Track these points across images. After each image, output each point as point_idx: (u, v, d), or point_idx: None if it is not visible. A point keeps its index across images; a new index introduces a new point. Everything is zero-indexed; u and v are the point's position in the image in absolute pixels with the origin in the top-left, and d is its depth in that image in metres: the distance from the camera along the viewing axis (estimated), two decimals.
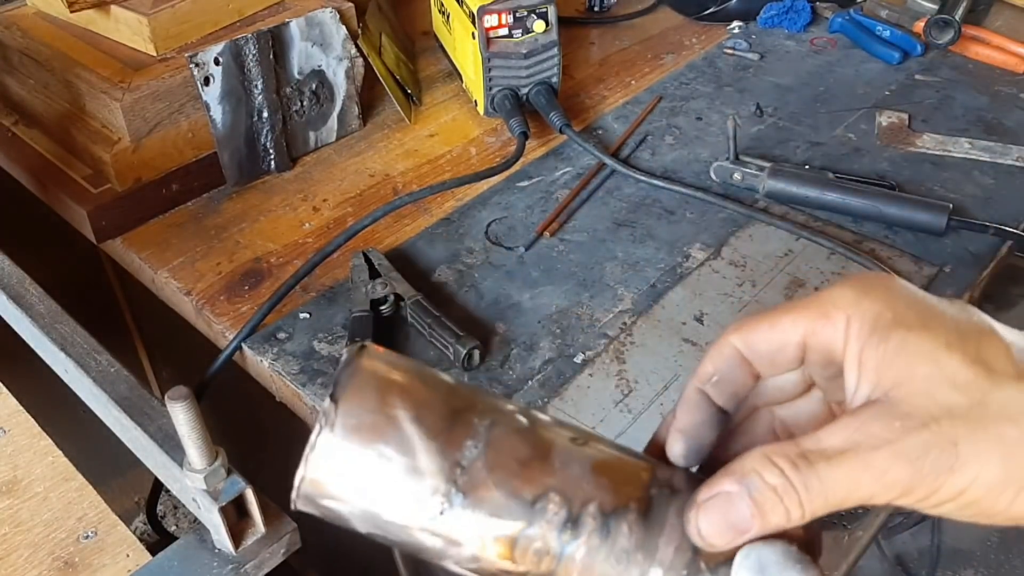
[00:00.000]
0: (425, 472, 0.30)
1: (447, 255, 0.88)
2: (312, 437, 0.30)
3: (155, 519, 1.13)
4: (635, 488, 0.33)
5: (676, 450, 0.36)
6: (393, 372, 0.32)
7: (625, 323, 0.80)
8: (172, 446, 0.61)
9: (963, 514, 0.32)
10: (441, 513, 0.31)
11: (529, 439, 0.32)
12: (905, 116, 1.07)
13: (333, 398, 0.30)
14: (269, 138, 0.96)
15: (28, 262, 0.79)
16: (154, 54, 0.93)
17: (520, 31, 1.00)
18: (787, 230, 0.90)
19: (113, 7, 0.93)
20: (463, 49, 1.07)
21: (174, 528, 1.46)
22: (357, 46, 1.00)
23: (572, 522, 0.31)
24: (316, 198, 0.96)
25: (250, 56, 0.90)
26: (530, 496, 0.31)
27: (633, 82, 1.16)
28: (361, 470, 0.30)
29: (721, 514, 0.31)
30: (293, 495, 0.31)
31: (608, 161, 0.98)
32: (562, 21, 1.03)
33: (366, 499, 0.30)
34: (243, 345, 0.79)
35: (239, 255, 0.89)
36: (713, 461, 0.36)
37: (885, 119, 1.07)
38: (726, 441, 0.39)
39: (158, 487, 1.07)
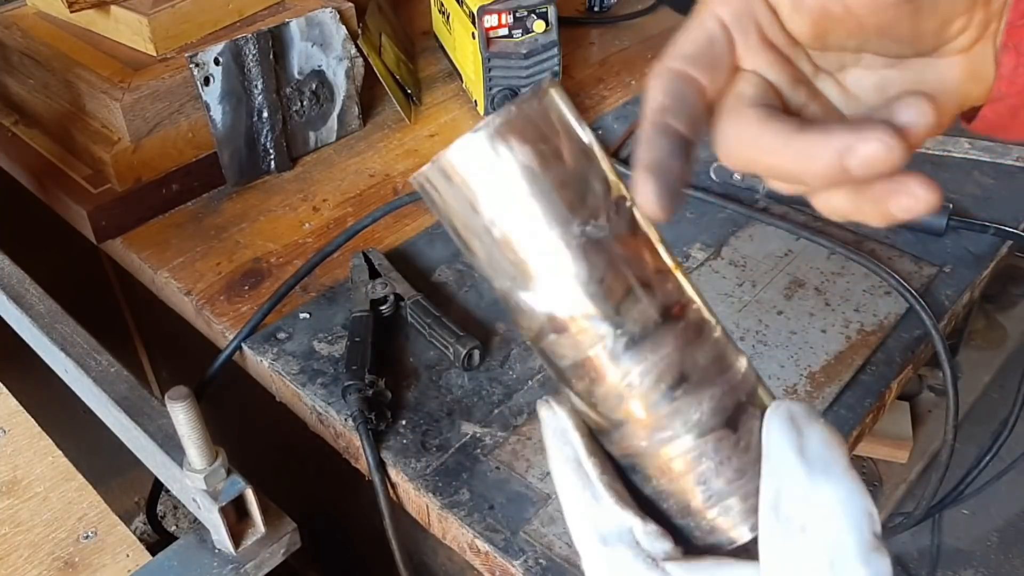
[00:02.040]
0: (592, 189, 0.31)
1: (447, 255, 0.88)
2: (515, 101, 0.30)
3: (155, 519, 1.13)
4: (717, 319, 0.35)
5: (647, 190, 0.31)
6: None
7: None
8: (172, 446, 0.61)
9: None
10: (582, 234, 0.31)
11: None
12: None
13: (551, 83, 0.31)
14: (269, 138, 0.96)
15: (28, 262, 0.79)
16: (154, 54, 0.93)
17: (520, 31, 1.00)
18: (787, 230, 0.90)
19: (113, 7, 0.93)
20: (463, 49, 1.07)
21: (174, 528, 1.46)
22: (357, 46, 1.00)
23: (679, 305, 0.33)
24: (316, 198, 0.96)
25: (250, 56, 0.90)
26: (660, 265, 0.33)
27: (633, 82, 1.16)
28: (560, 143, 0.30)
29: None
30: (476, 134, 0.30)
31: None
32: (562, 21, 1.03)
33: (532, 183, 0.30)
34: (243, 345, 0.79)
35: (239, 255, 0.89)
36: None
37: None
38: None
39: (158, 487, 1.07)
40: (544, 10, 1.00)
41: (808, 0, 0.33)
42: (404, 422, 0.72)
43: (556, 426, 0.35)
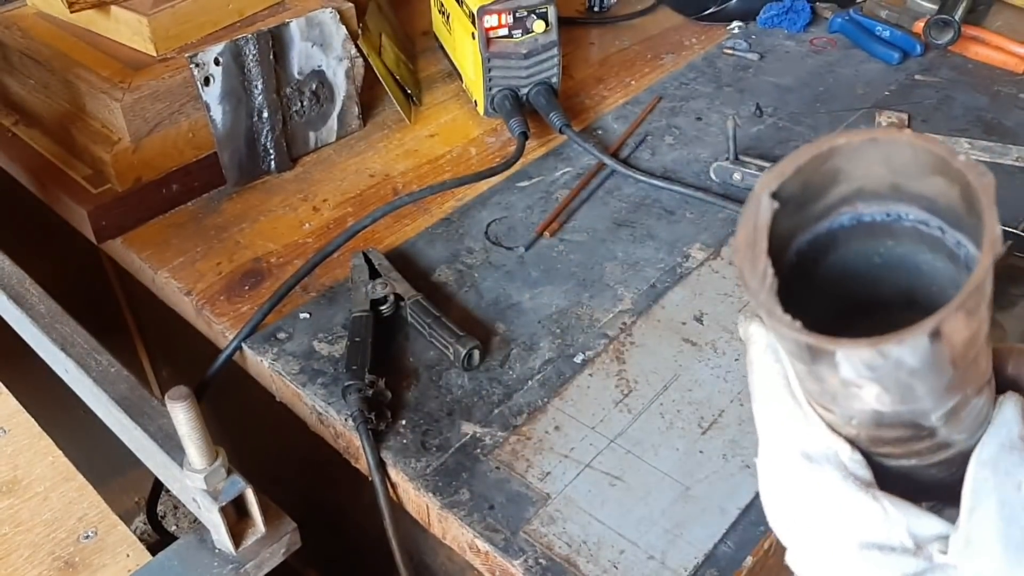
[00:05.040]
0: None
1: (447, 255, 0.88)
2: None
3: (155, 519, 1.13)
4: None
5: None
6: None
7: (625, 323, 0.80)
8: (172, 446, 0.61)
9: None
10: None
11: None
12: (905, 116, 1.07)
13: None
14: (269, 138, 0.96)
15: (28, 262, 0.79)
16: (154, 54, 0.93)
17: (520, 31, 1.00)
18: None
19: (113, 7, 0.93)
20: (463, 49, 1.07)
21: (174, 528, 1.46)
22: (357, 46, 1.00)
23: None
24: (316, 198, 0.96)
25: (250, 56, 0.90)
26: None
27: (633, 82, 1.16)
28: None
29: None
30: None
31: (608, 161, 0.98)
32: (562, 21, 1.03)
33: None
34: (243, 345, 0.79)
35: (239, 255, 0.89)
36: None
37: (885, 119, 1.07)
38: None
39: (158, 487, 1.07)
40: (544, 10, 1.00)
41: None
42: (404, 422, 0.72)
43: (768, 343, 0.35)
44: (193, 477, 0.58)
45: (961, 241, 0.31)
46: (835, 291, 0.34)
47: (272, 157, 0.98)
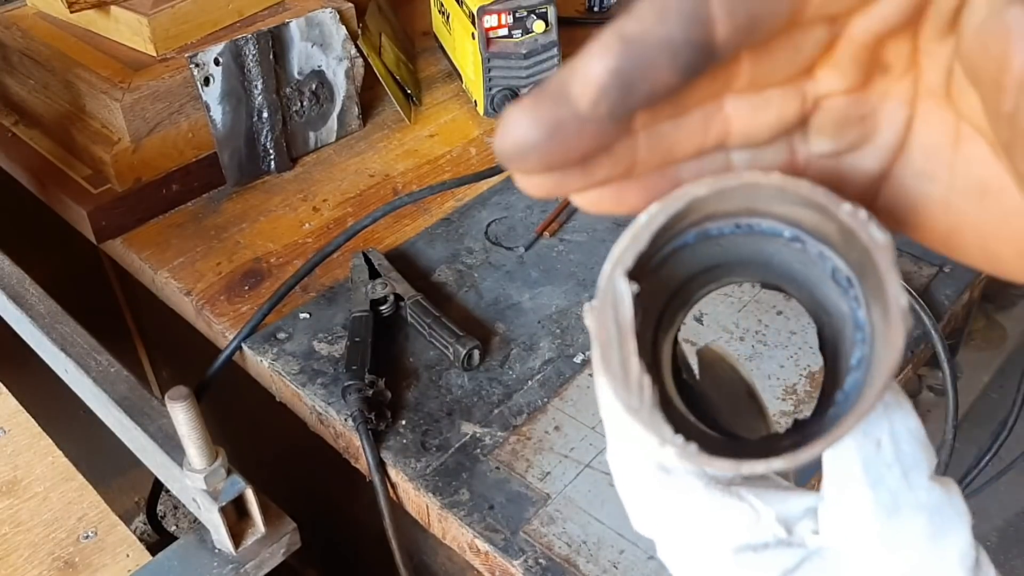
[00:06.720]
0: None
1: (447, 255, 0.88)
2: None
3: (155, 519, 1.13)
4: None
5: (595, 68, 0.20)
6: None
7: None
8: (172, 446, 0.61)
9: None
10: None
11: None
12: None
13: None
14: (269, 138, 0.96)
15: (28, 262, 0.79)
16: (154, 54, 0.93)
17: (520, 31, 1.00)
18: None
19: (113, 7, 0.93)
20: (463, 49, 1.07)
21: (174, 528, 1.46)
22: (357, 46, 1.00)
23: None
24: (316, 198, 0.96)
25: (250, 56, 0.90)
26: None
27: None
28: None
29: None
30: None
31: None
32: (562, 21, 1.03)
33: None
34: (243, 345, 0.79)
35: (239, 255, 0.89)
36: None
37: None
38: None
39: (158, 487, 1.07)
40: (544, 10, 1.00)
41: None
42: (404, 422, 0.72)
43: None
44: (193, 477, 0.59)
45: (825, 253, 0.26)
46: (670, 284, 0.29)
47: (272, 157, 0.98)
